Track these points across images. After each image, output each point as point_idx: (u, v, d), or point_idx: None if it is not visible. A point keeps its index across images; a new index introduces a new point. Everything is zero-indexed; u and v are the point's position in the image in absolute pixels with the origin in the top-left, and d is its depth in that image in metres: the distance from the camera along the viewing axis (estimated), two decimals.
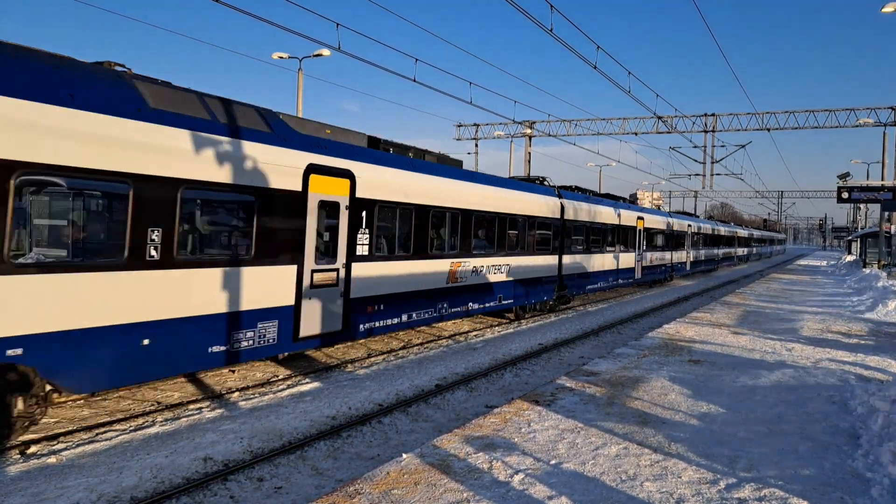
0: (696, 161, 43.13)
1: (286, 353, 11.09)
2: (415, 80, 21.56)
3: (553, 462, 6.46)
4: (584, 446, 6.97)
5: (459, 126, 45.43)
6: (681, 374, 10.59)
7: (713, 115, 39.36)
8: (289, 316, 10.74)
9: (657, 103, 68.68)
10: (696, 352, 12.70)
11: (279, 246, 10.49)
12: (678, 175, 56.67)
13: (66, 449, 7.73)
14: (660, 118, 37.32)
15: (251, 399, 10.12)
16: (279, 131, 10.66)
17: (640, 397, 9.08)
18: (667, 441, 7.26)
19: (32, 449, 7.70)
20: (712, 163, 41.49)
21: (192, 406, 9.62)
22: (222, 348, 9.60)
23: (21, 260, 7.22)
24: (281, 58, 29.22)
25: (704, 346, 13.32)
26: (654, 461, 6.60)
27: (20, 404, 7.46)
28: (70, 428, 8.43)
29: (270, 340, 10.43)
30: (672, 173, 59.02)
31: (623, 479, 6.08)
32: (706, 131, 39.67)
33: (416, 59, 21.07)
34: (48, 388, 7.78)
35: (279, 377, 11.50)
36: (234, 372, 11.67)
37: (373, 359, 13.41)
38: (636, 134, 40.87)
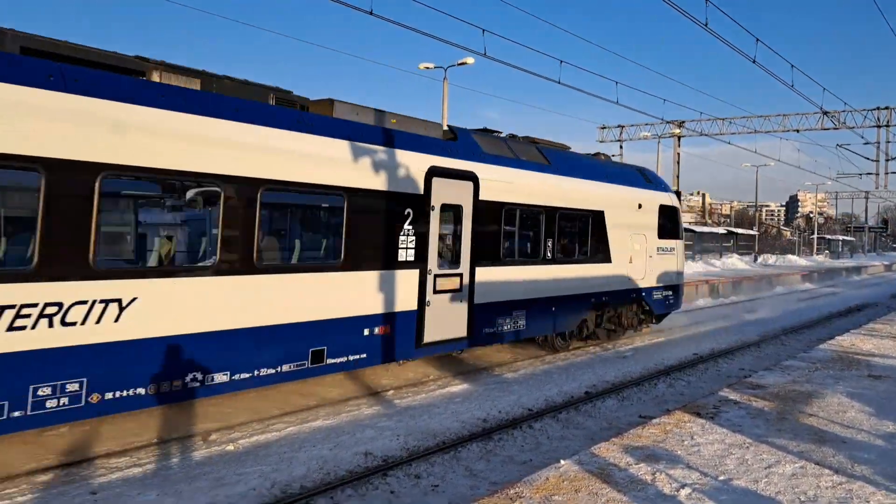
0: (867, 159, 39.09)
1: None
2: (559, 82, 21.39)
3: (721, 478, 6.10)
4: (754, 463, 6.53)
5: (603, 128, 44.45)
6: (860, 391, 9.67)
7: (887, 108, 35.76)
8: None
9: (824, 97, 62.83)
10: (876, 366, 11.55)
11: None
12: (846, 174, 51.99)
13: (242, 438, 8.35)
14: (826, 113, 34.53)
15: (405, 398, 10.43)
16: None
17: (814, 413, 8.39)
18: (849, 462, 6.64)
19: (213, 437, 8.38)
20: (887, 160, 37.81)
21: (350, 402, 10.07)
22: None
23: None
24: (427, 68, 30.09)
25: (886, 361, 12.08)
26: (835, 483, 6.06)
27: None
28: (244, 419, 9.10)
29: None
30: (839, 172, 54.16)
31: (802, 501, 5.63)
32: (879, 126, 36.18)
33: (561, 61, 20.90)
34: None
35: (430, 377, 11.77)
36: (387, 370, 12.09)
37: (519, 363, 13.39)
38: (798, 131, 38.00)
